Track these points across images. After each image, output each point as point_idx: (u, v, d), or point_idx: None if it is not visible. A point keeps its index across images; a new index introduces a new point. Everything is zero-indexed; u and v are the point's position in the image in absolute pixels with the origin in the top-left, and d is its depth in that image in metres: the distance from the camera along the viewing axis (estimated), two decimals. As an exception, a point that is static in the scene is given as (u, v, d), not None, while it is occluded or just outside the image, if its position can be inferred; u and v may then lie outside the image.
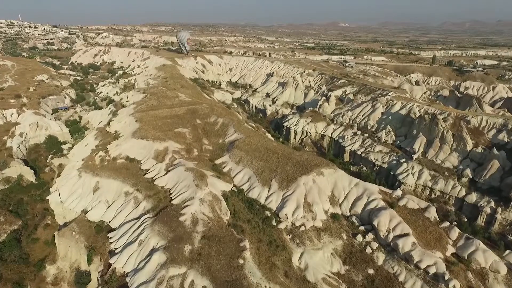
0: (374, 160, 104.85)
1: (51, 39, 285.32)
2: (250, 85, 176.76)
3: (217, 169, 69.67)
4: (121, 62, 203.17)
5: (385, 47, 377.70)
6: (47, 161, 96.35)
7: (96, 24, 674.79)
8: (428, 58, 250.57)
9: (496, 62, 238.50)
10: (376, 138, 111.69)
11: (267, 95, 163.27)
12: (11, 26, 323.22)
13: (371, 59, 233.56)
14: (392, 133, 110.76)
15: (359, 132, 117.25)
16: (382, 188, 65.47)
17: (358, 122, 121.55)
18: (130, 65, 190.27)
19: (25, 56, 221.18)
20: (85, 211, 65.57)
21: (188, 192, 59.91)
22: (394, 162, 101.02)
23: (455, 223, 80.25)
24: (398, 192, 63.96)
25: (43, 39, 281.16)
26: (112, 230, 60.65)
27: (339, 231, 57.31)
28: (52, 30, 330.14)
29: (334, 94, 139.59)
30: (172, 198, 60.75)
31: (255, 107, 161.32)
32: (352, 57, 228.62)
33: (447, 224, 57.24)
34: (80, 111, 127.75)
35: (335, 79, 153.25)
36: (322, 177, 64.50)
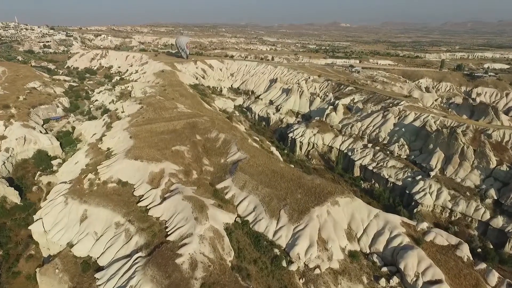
0: (387, 177, 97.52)
1: (48, 41, 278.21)
2: (252, 91, 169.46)
3: (218, 195, 62.36)
4: (119, 67, 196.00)
5: (390, 49, 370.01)
6: (35, 178, 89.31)
7: (96, 25, 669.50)
8: (435, 62, 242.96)
9: (508, 66, 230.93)
10: (388, 152, 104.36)
11: (271, 102, 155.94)
12: (6, 28, 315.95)
13: (377, 63, 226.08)
14: (406, 146, 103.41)
15: (369, 145, 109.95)
16: (405, 219, 58.07)
17: (368, 134, 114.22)
18: (127, 70, 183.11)
19: (20, 60, 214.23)
20: (70, 245, 58.29)
21: (186, 227, 52.62)
22: (410, 179, 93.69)
23: (479, 250, 73.52)
24: (424, 225, 56.60)
25: (40, 42, 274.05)
26: (100, 268, 53.50)
27: (359, 274, 49.97)
28: (49, 32, 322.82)
29: (341, 103, 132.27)
30: (168, 232, 53.46)
31: (258, 115, 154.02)
32: (358, 61, 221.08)
33: (483, 266, 49.87)
34: (73, 121, 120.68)
35: (342, 86, 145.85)
36: (338, 208, 57.15)
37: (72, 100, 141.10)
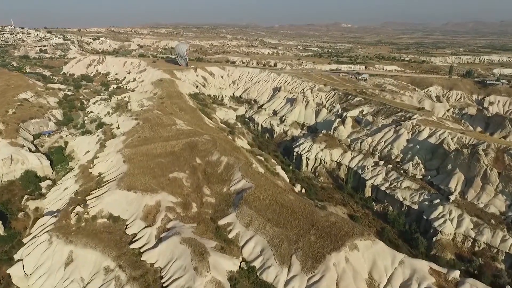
0: (401, 199, 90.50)
1: (44, 46, 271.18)
2: (255, 100, 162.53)
3: (221, 234, 55.41)
4: (116, 74, 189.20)
5: (394, 52, 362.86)
6: (22, 203, 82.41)
7: (95, 27, 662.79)
8: (443, 67, 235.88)
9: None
10: (402, 171, 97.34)
11: (274, 112, 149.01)
12: (2, 32, 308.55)
13: (383, 69, 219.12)
14: (421, 165, 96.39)
15: (381, 162, 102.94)
16: (434, 266, 51.00)
17: (380, 150, 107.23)
18: (125, 77, 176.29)
19: (14, 66, 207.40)
20: (53, 294, 51.52)
21: (184, 279, 45.76)
22: (427, 202, 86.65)
23: (508, 287, 66.53)
24: (456, 273, 49.53)
25: (36, 46, 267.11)
26: (86, 324, 46.71)
27: (385, 337, 43.05)
28: (45, 36, 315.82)
29: (350, 115, 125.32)
30: (164, 284, 46.62)
31: (261, 126, 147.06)
32: (364, 67, 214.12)
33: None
34: (66, 136, 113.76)
35: (350, 96, 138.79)
36: (357, 253, 50.15)
37: (66, 111, 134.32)
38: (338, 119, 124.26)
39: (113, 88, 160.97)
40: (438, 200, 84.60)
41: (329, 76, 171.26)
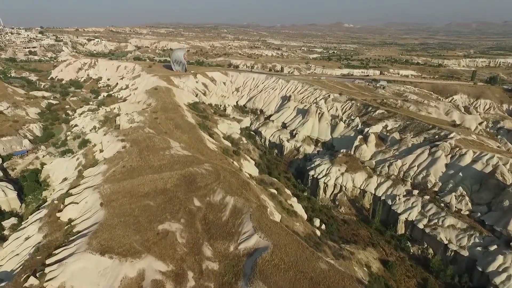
0: (445, 241, 74.00)
1: (34, 47, 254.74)
2: (261, 111, 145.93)
3: (228, 329, 38.90)
4: (108, 79, 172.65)
5: (404, 54, 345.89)
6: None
7: (94, 26, 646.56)
8: (462, 72, 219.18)
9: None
10: (443, 204, 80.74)
11: (284, 125, 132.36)
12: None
13: (398, 74, 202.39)
14: (467, 198, 79.76)
15: (415, 192, 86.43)
16: None
17: (413, 176, 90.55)
18: (117, 83, 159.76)
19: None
20: None
21: None
22: (480, 248, 70.17)
23: None
24: None
25: (25, 48, 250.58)
26: None
27: None
28: (36, 36, 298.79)
29: (372, 131, 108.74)
30: None
31: (269, 140, 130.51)
32: (378, 72, 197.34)
33: None
34: (43, 156, 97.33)
35: (370, 108, 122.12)
36: None
37: (47, 124, 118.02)
38: (359, 136, 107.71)
39: (103, 96, 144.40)
40: (495, 247, 68.17)
41: (343, 83, 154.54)
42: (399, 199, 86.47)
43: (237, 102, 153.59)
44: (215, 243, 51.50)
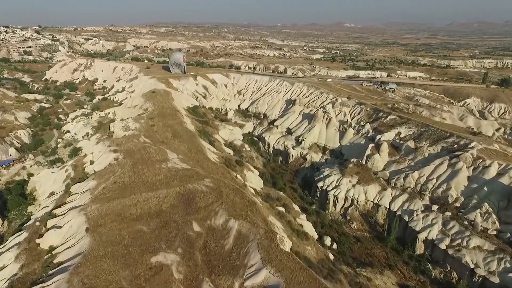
0: (471, 265, 66.79)
1: (29, 47, 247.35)
2: (264, 115, 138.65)
3: None
4: (104, 81, 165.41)
5: (409, 54, 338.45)
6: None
7: (93, 25, 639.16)
8: (471, 73, 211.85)
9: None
10: (466, 223, 73.56)
11: (289, 131, 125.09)
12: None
13: (406, 75, 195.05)
14: (494, 216, 72.54)
15: (434, 207, 79.25)
16: None
17: (431, 190, 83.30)
18: (114, 85, 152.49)
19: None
20: None
21: None
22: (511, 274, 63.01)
23: None
24: None
25: (20, 48, 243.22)
26: None
27: None
28: (32, 36, 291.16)
29: (385, 139, 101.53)
30: None
31: (273, 147, 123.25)
32: (385, 74, 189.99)
33: None
34: (31, 166, 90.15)
35: (381, 114, 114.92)
36: None
37: (37, 130, 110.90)
38: (371, 144, 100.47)
39: (98, 99, 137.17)
40: (529, 273, 60.95)
41: (350, 86, 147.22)
42: (416, 215, 79.29)
43: (239, 106, 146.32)
44: (217, 279, 44.29)
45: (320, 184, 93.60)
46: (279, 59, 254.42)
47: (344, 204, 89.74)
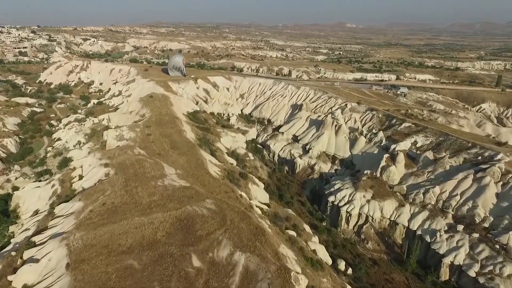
0: (506, 297, 59.14)
1: (25, 47, 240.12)
2: (269, 120, 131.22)
3: None
4: (101, 83, 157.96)
5: (414, 56, 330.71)
6: None
7: (92, 25, 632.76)
8: (482, 76, 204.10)
9: None
10: (498, 246, 65.94)
11: (295, 138, 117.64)
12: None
13: (415, 78, 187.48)
14: (529, 240, 64.88)
15: (459, 227, 71.64)
16: None
17: (455, 207, 75.70)
18: (110, 89, 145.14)
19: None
20: None
21: None
22: (554, 310, 55.41)
23: None
24: None
25: (15, 48, 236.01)
26: None
27: None
28: (28, 36, 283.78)
29: (400, 148, 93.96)
30: None
31: (278, 155, 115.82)
32: (393, 76, 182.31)
33: None
34: (16, 178, 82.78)
35: (395, 120, 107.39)
36: None
37: (26, 138, 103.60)
38: (386, 155, 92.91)
39: (93, 103, 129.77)
40: None
41: (359, 90, 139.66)
42: (440, 235, 71.68)
43: (242, 111, 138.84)
44: (221, 333, 36.75)
45: (331, 198, 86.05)
46: (282, 61, 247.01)
47: (357, 221, 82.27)
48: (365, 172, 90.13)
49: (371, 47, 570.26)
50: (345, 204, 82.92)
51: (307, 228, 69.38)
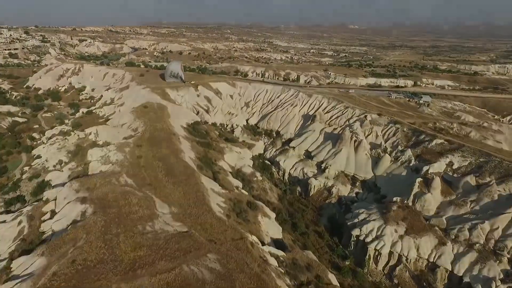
0: None
1: (16, 49, 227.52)
2: (277, 132, 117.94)
3: None
4: (92, 89, 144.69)
5: (426, 59, 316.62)
6: None
7: (92, 25, 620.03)
8: (502, 81, 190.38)
9: None
10: None
11: (308, 154, 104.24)
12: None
13: (433, 84, 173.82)
14: None
15: (519, 276, 57.95)
16: None
17: (511, 249, 62.11)
18: (102, 96, 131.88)
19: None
20: None
21: None
22: None
23: None
24: None
25: (6, 50, 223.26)
26: None
27: None
28: (20, 36, 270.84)
29: (434, 171, 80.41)
30: None
31: (289, 174, 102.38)
32: (410, 82, 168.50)
33: None
34: (-18, 208, 69.39)
35: (423, 136, 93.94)
36: None
37: (2, 154, 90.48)
38: (418, 179, 79.39)
39: (82, 113, 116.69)
40: None
41: (377, 99, 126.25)
42: (496, 286, 58.17)
43: (247, 121, 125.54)
44: None
45: (355, 232, 72.58)
46: (288, 64, 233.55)
47: (388, 261, 68.77)
48: (394, 199, 76.70)
49: (376, 48, 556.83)
50: (373, 240, 69.48)
51: (333, 279, 55.84)
